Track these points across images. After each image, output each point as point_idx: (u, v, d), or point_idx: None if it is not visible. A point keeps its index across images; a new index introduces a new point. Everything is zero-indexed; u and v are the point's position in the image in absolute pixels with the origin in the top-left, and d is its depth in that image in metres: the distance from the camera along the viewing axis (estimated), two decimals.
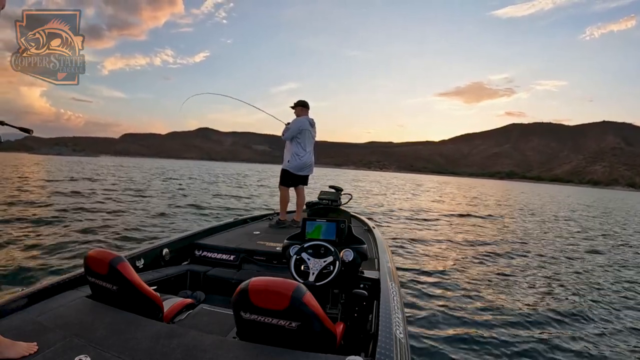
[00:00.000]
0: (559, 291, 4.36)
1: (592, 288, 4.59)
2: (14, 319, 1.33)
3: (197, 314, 1.73)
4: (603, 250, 7.37)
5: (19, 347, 1.10)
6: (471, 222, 10.67)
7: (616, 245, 8.28)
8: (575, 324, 3.41)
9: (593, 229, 11.12)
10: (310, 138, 4.11)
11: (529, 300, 3.94)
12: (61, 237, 5.40)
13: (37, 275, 3.67)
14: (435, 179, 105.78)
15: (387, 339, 1.25)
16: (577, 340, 3.06)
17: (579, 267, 5.75)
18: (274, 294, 1.13)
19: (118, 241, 5.42)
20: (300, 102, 4.12)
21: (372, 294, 1.90)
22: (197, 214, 8.72)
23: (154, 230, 6.45)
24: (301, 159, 4.06)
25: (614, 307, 3.93)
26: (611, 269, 5.77)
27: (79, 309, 1.44)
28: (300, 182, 4.20)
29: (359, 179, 48.49)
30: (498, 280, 4.61)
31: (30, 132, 1.65)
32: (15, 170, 23.00)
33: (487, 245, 6.96)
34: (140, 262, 2.26)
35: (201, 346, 1.17)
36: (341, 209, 3.87)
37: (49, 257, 4.36)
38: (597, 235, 9.59)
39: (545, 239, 8.43)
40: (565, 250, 7.16)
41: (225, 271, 2.55)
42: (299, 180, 4.18)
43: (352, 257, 1.99)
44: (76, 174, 21.55)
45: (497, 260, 5.78)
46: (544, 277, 4.97)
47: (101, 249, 1.52)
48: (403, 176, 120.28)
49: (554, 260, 6.13)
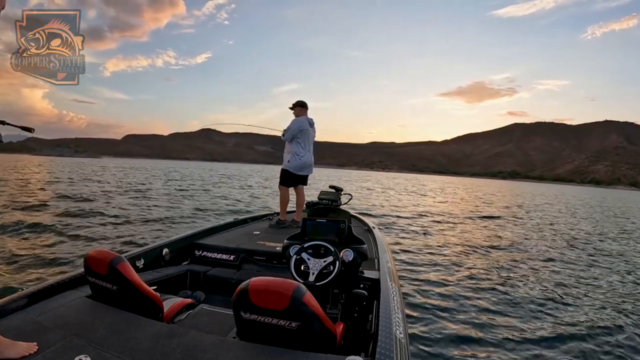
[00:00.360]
0: (561, 292, 4.36)
1: (595, 288, 4.59)
2: (14, 319, 1.33)
3: (197, 314, 1.73)
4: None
5: (19, 347, 1.10)
6: (473, 221, 10.68)
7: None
8: (576, 324, 3.40)
9: (589, 231, 11.11)
10: (310, 138, 4.14)
11: (530, 301, 3.94)
12: (62, 237, 5.41)
13: (38, 275, 3.67)
14: (437, 179, 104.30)
15: (387, 339, 1.25)
16: (578, 340, 3.06)
17: (585, 267, 5.75)
18: (274, 294, 1.13)
19: (122, 240, 5.42)
20: (298, 103, 4.14)
21: (372, 294, 1.90)
22: (199, 215, 8.71)
23: (168, 230, 6.44)
24: (301, 159, 4.08)
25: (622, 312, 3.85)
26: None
27: (79, 309, 1.44)
28: (300, 182, 4.22)
29: (362, 178, 48.27)
30: (499, 281, 4.61)
31: (31, 131, 1.65)
32: (17, 172, 22.96)
33: (488, 246, 6.96)
34: (140, 262, 2.26)
35: (201, 346, 1.17)
36: (341, 209, 3.88)
37: (54, 255, 4.38)
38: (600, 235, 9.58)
39: (545, 239, 8.42)
40: (571, 248, 7.16)
41: (225, 271, 2.55)
42: (298, 180, 4.19)
43: (352, 257, 1.99)
44: (76, 175, 21.54)
45: (498, 261, 5.78)
46: (545, 277, 4.97)
47: (101, 249, 1.52)
48: (405, 176, 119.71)
49: (558, 261, 6.13)
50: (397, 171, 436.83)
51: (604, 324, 3.39)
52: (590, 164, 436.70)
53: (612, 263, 6.21)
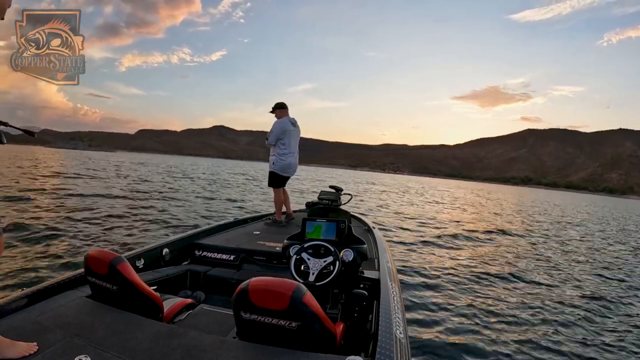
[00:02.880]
0: (564, 292, 4.36)
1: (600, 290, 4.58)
2: (14, 319, 1.33)
3: (197, 314, 1.73)
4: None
5: (19, 347, 1.10)
6: (477, 224, 10.68)
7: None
8: (575, 323, 3.41)
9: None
10: (294, 137, 4.13)
11: (531, 301, 3.94)
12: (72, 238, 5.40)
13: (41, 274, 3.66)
14: (452, 183, 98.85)
15: (387, 339, 1.25)
16: (578, 342, 3.06)
17: (589, 268, 5.75)
18: (274, 294, 1.13)
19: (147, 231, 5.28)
20: (278, 105, 4.16)
21: (372, 294, 1.90)
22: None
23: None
24: (285, 160, 4.08)
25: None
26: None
27: (79, 309, 1.44)
28: (285, 183, 4.24)
29: (373, 180, 47.10)
30: (499, 281, 4.61)
31: (33, 135, 1.64)
32: (33, 164, 22.65)
33: (489, 246, 6.96)
34: (140, 262, 2.26)
35: (201, 346, 1.17)
36: (341, 209, 3.87)
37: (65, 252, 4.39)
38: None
39: (547, 242, 8.43)
40: (577, 253, 7.16)
41: (225, 271, 2.55)
42: (286, 181, 4.22)
43: (352, 257, 1.99)
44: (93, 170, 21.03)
45: (499, 261, 5.78)
46: (545, 278, 4.97)
47: (101, 249, 1.52)
48: (416, 179, 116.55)
49: (560, 264, 6.13)
50: (408, 173, 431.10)
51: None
52: (603, 171, 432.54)
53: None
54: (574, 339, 3.08)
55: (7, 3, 1.15)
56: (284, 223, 3.94)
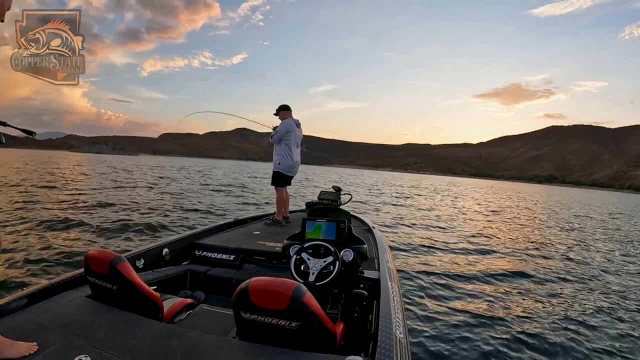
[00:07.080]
0: (564, 292, 4.36)
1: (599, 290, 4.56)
2: (14, 319, 1.33)
3: (197, 314, 1.73)
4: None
5: (19, 347, 1.10)
6: (478, 223, 10.67)
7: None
8: (575, 323, 3.40)
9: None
10: (297, 139, 4.26)
11: (531, 302, 3.94)
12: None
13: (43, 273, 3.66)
14: (479, 183, 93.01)
15: (387, 339, 1.25)
16: (578, 342, 3.06)
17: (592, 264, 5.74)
18: (274, 294, 1.13)
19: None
20: (282, 107, 4.29)
21: (372, 294, 1.90)
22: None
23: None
24: (290, 160, 4.20)
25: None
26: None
27: (79, 309, 1.44)
28: (289, 182, 4.36)
29: (395, 182, 44.16)
30: (500, 281, 4.61)
31: (33, 135, 1.64)
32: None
33: (489, 246, 6.95)
34: (140, 262, 2.26)
35: (201, 346, 1.17)
36: (341, 209, 3.87)
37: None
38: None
39: (550, 242, 8.42)
40: (578, 249, 7.15)
41: (225, 271, 2.55)
42: (290, 180, 4.33)
43: (352, 257, 1.99)
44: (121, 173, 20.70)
45: (500, 261, 5.78)
46: (547, 278, 4.96)
47: (101, 249, 1.52)
48: (441, 179, 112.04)
49: (561, 262, 6.13)
50: (431, 173, 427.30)
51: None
52: (629, 169, 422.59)
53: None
54: (576, 347, 3.07)
55: (7, 4, 1.16)
56: (284, 223, 3.98)
